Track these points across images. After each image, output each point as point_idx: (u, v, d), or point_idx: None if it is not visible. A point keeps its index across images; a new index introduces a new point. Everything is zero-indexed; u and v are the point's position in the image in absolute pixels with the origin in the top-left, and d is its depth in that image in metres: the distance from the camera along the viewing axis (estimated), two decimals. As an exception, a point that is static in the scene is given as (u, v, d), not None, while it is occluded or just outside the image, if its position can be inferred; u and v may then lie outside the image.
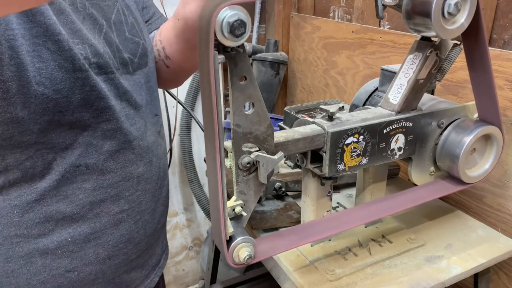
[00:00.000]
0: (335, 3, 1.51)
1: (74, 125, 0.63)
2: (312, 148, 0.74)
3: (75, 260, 0.68)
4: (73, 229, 0.67)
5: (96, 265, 0.70)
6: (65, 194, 0.65)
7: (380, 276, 0.81)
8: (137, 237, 0.74)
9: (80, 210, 0.67)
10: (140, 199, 0.73)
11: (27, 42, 0.57)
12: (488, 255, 0.87)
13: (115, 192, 0.69)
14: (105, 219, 0.69)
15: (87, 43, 0.63)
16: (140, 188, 0.73)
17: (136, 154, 0.71)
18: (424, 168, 0.88)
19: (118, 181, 0.69)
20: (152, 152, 0.75)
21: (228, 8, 0.51)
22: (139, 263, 0.77)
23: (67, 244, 0.67)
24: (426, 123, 0.83)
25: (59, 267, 0.67)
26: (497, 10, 1.01)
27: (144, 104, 0.74)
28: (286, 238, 0.73)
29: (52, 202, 0.65)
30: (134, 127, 0.71)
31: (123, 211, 0.71)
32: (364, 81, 1.19)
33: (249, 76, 0.60)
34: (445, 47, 0.79)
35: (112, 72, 0.66)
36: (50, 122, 0.61)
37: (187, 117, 1.72)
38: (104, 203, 0.68)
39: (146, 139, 0.73)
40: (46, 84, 0.59)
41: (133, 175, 0.71)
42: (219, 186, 0.59)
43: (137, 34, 0.74)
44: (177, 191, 1.84)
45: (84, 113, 0.63)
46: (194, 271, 2.03)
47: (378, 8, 0.72)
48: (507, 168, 0.98)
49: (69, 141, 0.63)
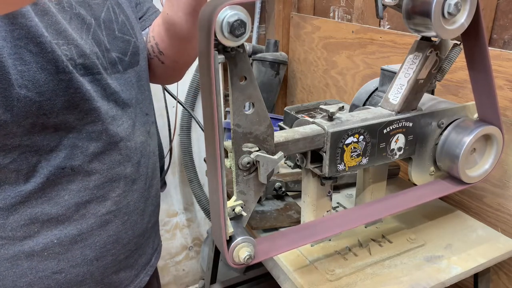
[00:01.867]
0: (335, 3, 1.51)
1: (59, 127, 0.63)
2: (312, 148, 0.74)
3: (62, 261, 0.67)
4: (59, 231, 0.66)
5: (83, 267, 0.69)
6: (50, 196, 0.65)
7: (380, 276, 0.81)
8: (125, 238, 0.74)
9: (66, 211, 0.66)
10: (127, 200, 0.73)
11: (9, 44, 0.56)
12: (488, 255, 0.87)
13: (101, 193, 0.69)
14: (92, 220, 0.69)
15: (72, 44, 0.62)
16: (128, 189, 0.72)
17: (123, 155, 0.71)
18: (424, 168, 0.88)
19: (104, 182, 0.69)
20: (140, 152, 0.74)
21: (228, 8, 0.51)
22: (128, 263, 0.76)
23: (53, 246, 0.66)
24: (426, 123, 0.83)
25: (45, 269, 0.66)
26: (497, 10, 1.01)
27: (133, 103, 0.73)
28: (286, 238, 0.73)
29: (37, 204, 0.64)
30: (121, 128, 0.70)
31: (110, 212, 0.70)
32: (364, 81, 1.19)
33: (249, 76, 0.60)
34: (445, 47, 0.79)
35: (99, 72, 0.66)
36: (34, 125, 0.60)
37: (187, 117, 1.72)
38: (90, 204, 0.68)
39: (134, 139, 0.73)
40: (29, 86, 0.58)
41: (120, 176, 0.71)
42: (219, 186, 0.59)
43: (128, 32, 0.73)
44: (177, 191, 1.84)
45: (68, 116, 0.63)
46: (194, 271, 2.02)
47: (378, 8, 0.72)
48: (507, 168, 0.98)
49: (54, 143, 0.63)
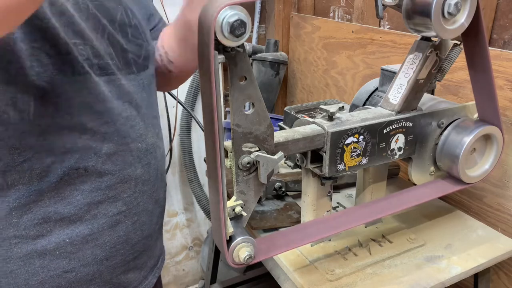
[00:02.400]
0: (335, 3, 1.51)
1: (74, 128, 0.63)
2: (312, 148, 0.74)
3: (73, 261, 0.68)
4: (71, 230, 0.67)
5: (93, 266, 0.70)
6: (63, 196, 0.65)
7: (380, 276, 0.81)
8: (134, 238, 0.74)
9: (78, 211, 0.67)
10: (137, 201, 0.73)
11: (26, 46, 0.56)
12: (488, 255, 0.87)
13: (113, 193, 0.69)
14: (103, 220, 0.69)
15: (88, 44, 0.63)
16: (138, 190, 0.73)
17: (134, 156, 0.71)
18: (424, 168, 0.88)
19: (116, 182, 0.69)
20: (151, 154, 0.75)
21: (228, 8, 0.51)
22: (136, 264, 0.77)
23: (65, 245, 0.67)
24: (426, 123, 0.83)
25: (57, 268, 0.67)
26: (497, 10, 1.01)
27: (145, 105, 0.74)
28: (286, 238, 0.73)
29: (50, 203, 0.65)
30: (134, 129, 0.71)
31: (120, 212, 0.71)
32: (364, 81, 1.19)
33: (249, 76, 0.60)
34: (445, 47, 0.79)
35: (113, 73, 0.67)
36: (49, 126, 0.61)
37: (187, 117, 1.72)
38: (102, 205, 0.69)
39: (145, 141, 0.73)
40: (46, 88, 0.58)
41: (131, 177, 0.71)
42: (219, 186, 0.59)
43: (140, 36, 0.75)
44: (177, 191, 1.84)
45: (83, 117, 0.63)
46: (194, 271, 2.02)
47: (378, 8, 0.72)
48: (507, 168, 0.98)
49: (69, 145, 0.63)
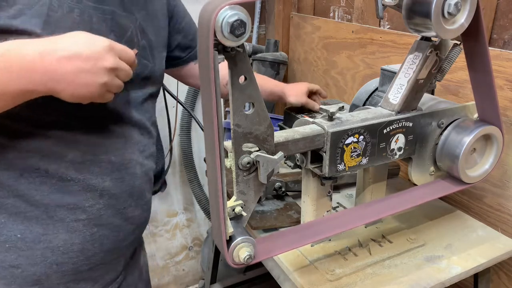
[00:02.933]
0: (335, 3, 1.51)
1: (41, 129, 0.65)
2: (312, 148, 0.74)
3: (21, 257, 0.68)
4: (24, 227, 0.67)
5: (41, 267, 0.69)
6: (22, 192, 0.66)
7: (380, 276, 0.81)
8: (91, 250, 0.73)
9: (35, 210, 0.68)
10: (100, 213, 0.73)
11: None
12: (488, 255, 0.87)
13: (73, 200, 0.70)
14: (59, 224, 0.69)
15: None
16: (103, 202, 0.73)
17: (102, 168, 0.72)
18: (424, 168, 0.88)
19: (78, 190, 0.70)
20: (126, 170, 0.75)
21: (228, 8, 0.51)
22: (90, 276, 0.76)
23: (16, 240, 0.67)
24: (426, 123, 0.83)
25: (3, 261, 0.67)
26: (497, 10, 1.01)
27: (132, 122, 0.75)
28: (286, 238, 0.73)
29: (9, 196, 0.66)
30: (109, 141, 0.71)
31: (78, 220, 0.71)
32: (364, 81, 1.19)
33: (249, 76, 0.60)
34: (445, 47, 0.79)
35: None
36: (20, 123, 0.63)
37: (187, 117, 1.72)
38: (60, 209, 0.69)
39: (122, 156, 0.74)
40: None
41: (96, 188, 0.71)
42: (219, 186, 0.59)
43: (147, 57, 0.77)
44: (177, 191, 1.84)
45: (54, 121, 0.65)
46: (194, 271, 2.03)
47: (378, 8, 0.72)
48: (507, 168, 0.98)
49: (33, 145, 0.65)
